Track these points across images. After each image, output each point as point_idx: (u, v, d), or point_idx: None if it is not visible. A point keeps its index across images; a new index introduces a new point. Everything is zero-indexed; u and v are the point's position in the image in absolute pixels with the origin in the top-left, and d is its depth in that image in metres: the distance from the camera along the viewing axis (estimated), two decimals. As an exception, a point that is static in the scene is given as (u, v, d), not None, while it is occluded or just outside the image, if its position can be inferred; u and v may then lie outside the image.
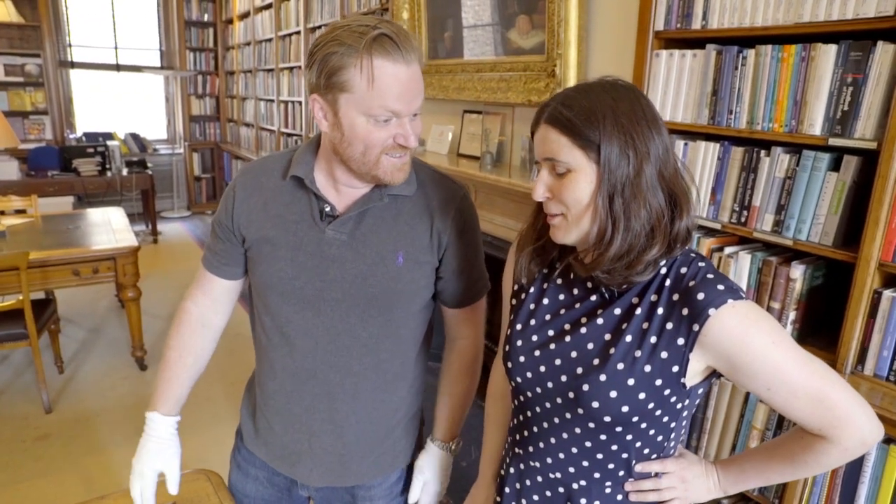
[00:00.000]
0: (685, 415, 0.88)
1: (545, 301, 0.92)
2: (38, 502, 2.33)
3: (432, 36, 3.29)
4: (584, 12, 2.30)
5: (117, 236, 3.38)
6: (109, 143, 5.79)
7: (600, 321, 0.85)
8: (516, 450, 0.98)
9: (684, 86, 1.61)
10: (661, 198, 0.80)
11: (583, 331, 0.86)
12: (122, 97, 7.04)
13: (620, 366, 0.81)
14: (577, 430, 0.87)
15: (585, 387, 0.83)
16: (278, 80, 5.58)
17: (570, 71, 2.35)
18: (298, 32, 5.05)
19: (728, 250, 1.52)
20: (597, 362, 0.83)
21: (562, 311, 0.90)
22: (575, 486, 0.90)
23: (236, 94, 6.94)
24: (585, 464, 0.88)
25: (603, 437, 0.86)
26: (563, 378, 0.86)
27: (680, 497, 0.90)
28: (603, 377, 0.82)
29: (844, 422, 0.78)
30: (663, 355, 0.80)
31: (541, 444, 0.92)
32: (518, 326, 0.93)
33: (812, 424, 0.80)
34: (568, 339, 0.87)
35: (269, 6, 5.68)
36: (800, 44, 1.35)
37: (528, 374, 0.90)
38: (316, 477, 1.17)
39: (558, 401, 0.87)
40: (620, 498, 0.90)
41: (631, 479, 0.89)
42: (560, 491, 0.92)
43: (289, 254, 1.06)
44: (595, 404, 0.82)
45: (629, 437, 0.85)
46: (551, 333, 0.89)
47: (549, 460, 0.91)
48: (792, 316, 1.42)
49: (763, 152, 1.44)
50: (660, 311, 0.81)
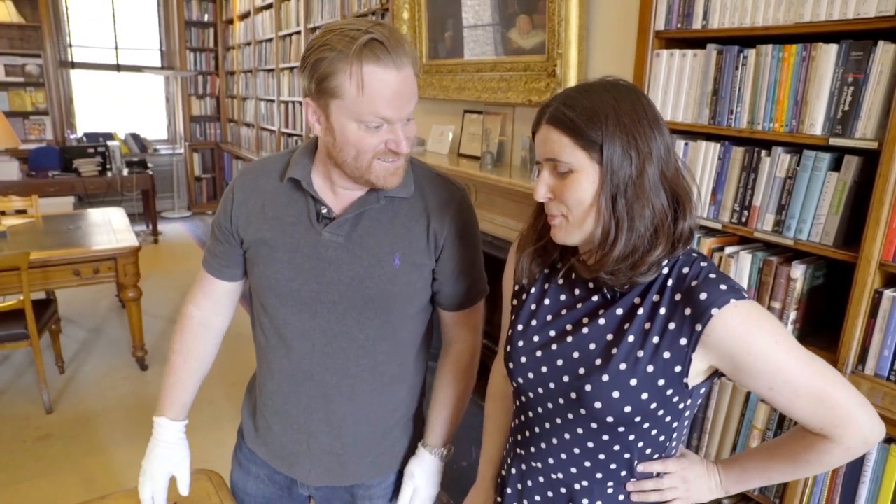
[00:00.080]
0: (687, 415, 0.88)
1: (546, 301, 0.92)
2: (38, 502, 2.33)
3: (432, 36, 3.29)
4: (585, 12, 2.29)
5: (118, 236, 3.38)
6: (110, 143, 5.80)
7: (602, 321, 0.85)
8: (518, 450, 0.97)
9: (685, 86, 1.61)
10: (663, 198, 0.79)
11: (584, 331, 0.86)
12: (123, 97, 7.04)
13: (623, 366, 0.81)
14: (579, 431, 0.87)
15: (588, 387, 0.83)
16: (279, 81, 5.58)
17: (571, 71, 2.35)
18: (299, 32, 5.05)
19: (728, 250, 1.52)
20: (599, 363, 0.83)
21: (563, 312, 0.90)
22: (577, 487, 0.90)
23: (237, 94, 6.94)
24: (587, 464, 0.88)
25: (605, 437, 0.86)
26: (566, 378, 0.86)
27: (682, 497, 0.90)
28: (605, 377, 0.82)
29: (846, 421, 0.78)
30: (666, 355, 0.80)
31: (542, 445, 0.92)
32: (519, 327, 0.93)
33: (814, 424, 0.80)
34: (570, 339, 0.87)
35: (269, 6, 5.68)
36: (800, 44, 1.35)
37: (530, 375, 0.90)
38: (314, 477, 1.17)
39: (560, 401, 0.87)
40: (622, 498, 0.90)
41: (633, 480, 0.89)
42: (562, 491, 0.92)
43: (286, 256, 1.06)
44: (597, 405, 0.82)
45: (631, 437, 0.85)
46: (553, 334, 0.89)
47: (550, 461, 0.91)
48: (792, 316, 1.42)
49: (764, 152, 1.44)
50: (662, 311, 0.81)
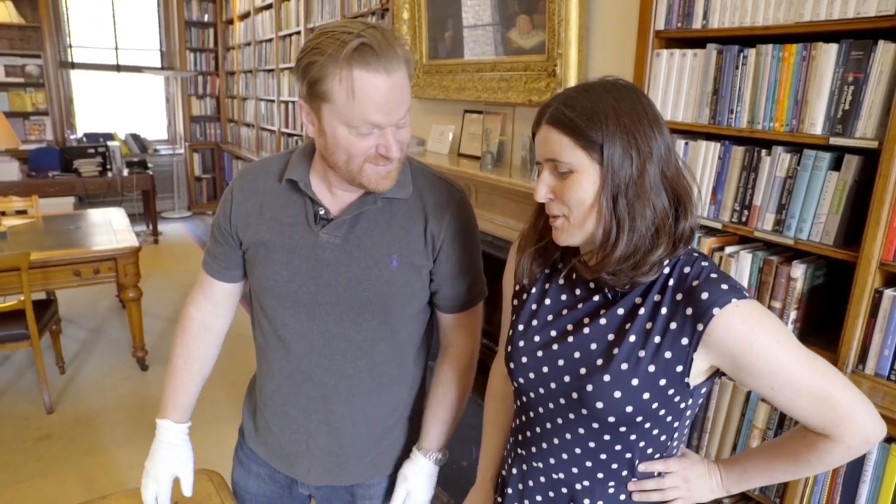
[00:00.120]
0: (688, 414, 0.88)
1: (547, 301, 0.92)
2: (39, 502, 2.33)
3: (433, 36, 3.29)
4: (585, 12, 2.30)
5: (118, 237, 3.38)
6: (110, 143, 5.80)
7: (603, 321, 0.85)
8: (519, 450, 0.97)
9: (685, 85, 1.61)
10: (664, 198, 0.79)
11: (586, 331, 0.86)
12: (123, 98, 7.04)
13: (624, 366, 0.81)
14: (580, 431, 0.87)
15: (589, 387, 0.83)
16: (279, 81, 5.58)
17: (571, 71, 2.35)
18: (299, 32, 5.05)
19: (729, 250, 1.52)
20: (600, 363, 0.83)
21: (564, 312, 0.90)
22: (578, 487, 0.90)
23: (237, 94, 6.94)
24: (589, 464, 0.88)
25: (607, 437, 0.86)
26: (567, 379, 0.86)
27: (683, 497, 0.90)
28: (607, 377, 0.82)
29: (848, 420, 0.78)
30: (667, 355, 0.80)
31: (544, 445, 0.92)
32: (520, 327, 0.93)
33: (816, 423, 0.80)
34: (571, 339, 0.87)
35: (269, 6, 5.68)
36: (800, 43, 1.35)
37: (531, 375, 0.90)
38: (314, 476, 1.18)
39: (561, 401, 0.87)
40: (623, 498, 0.90)
41: (634, 479, 0.89)
42: (563, 492, 0.92)
43: (284, 257, 1.06)
44: (599, 405, 0.82)
45: (633, 437, 0.85)
46: (554, 334, 0.89)
47: (552, 461, 0.91)
48: (793, 315, 1.42)
49: (764, 152, 1.44)
50: (663, 310, 0.81)
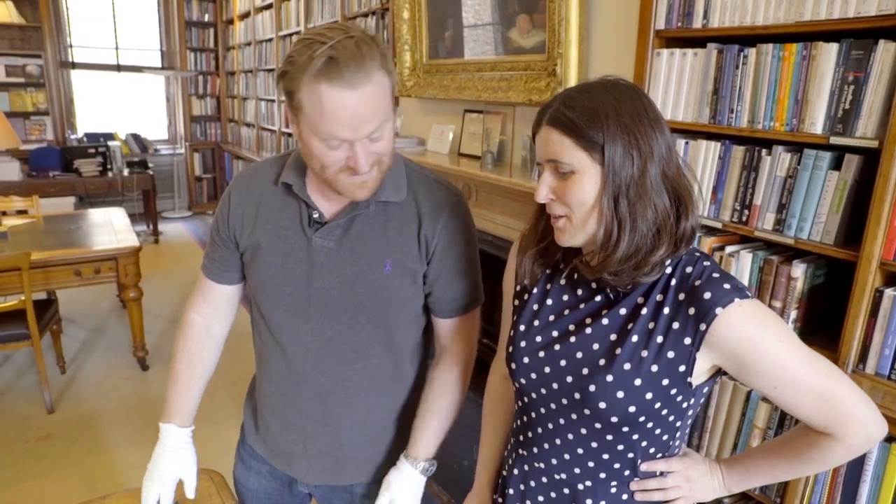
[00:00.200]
0: (690, 414, 0.88)
1: (549, 302, 0.92)
2: (40, 502, 2.34)
3: (433, 35, 3.29)
4: (585, 11, 2.29)
5: (119, 236, 3.39)
6: (110, 143, 5.80)
7: (605, 321, 0.85)
8: (520, 451, 0.97)
9: (685, 85, 1.61)
10: (665, 198, 0.79)
11: (588, 331, 0.86)
12: (123, 98, 7.04)
13: (627, 366, 0.81)
14: (582, 431, 0.87)
15: (592, 387, 0.83)
16: (279, 80, 5.57)
17: (571, 70, 2.35)
18: (299, 32, 5.05)
19: (729, 249, 1.52)
20: (603, 363, 0.83)
21: (566, 312, 0.90)
22: (580, 487, 0.90)
23: (237, 94, 6.93)
24: (591, 464, 0.88)
25: (609, 437, 0.86)
26: (569, 379, 0.86)
27: (685, 496, 0.90)
28: (609, 378, 0.82)
29: (850, 419, 0.78)
30: (670, 355, 0.80)
31: (545, 446, 0.92)
32: (522, 328, 0.93)
33: (818, 422, 0.80)
34: (573, 339, 0.87)
35: (269, 6, 5.68)
36: (801, 42, 1.34)
37: (533, 376, 0.90)
38: (312, 475, 1.18)
39: (564, 402, 0.87)
40: (626, 497, 0.90)
41: (636, 479, 0.89)
42: (565, 492, 0.92)
43: (279, 260, 1.06)
44: (602, 405, 0.82)
45: (635, 436, 0.85)
46: (556, 334, 0.89)
47: (554, 461, 0.91)
48: (793, 315, 1.42)
49: (764, 151, 1.44)
50: (666, 310, 0.81)
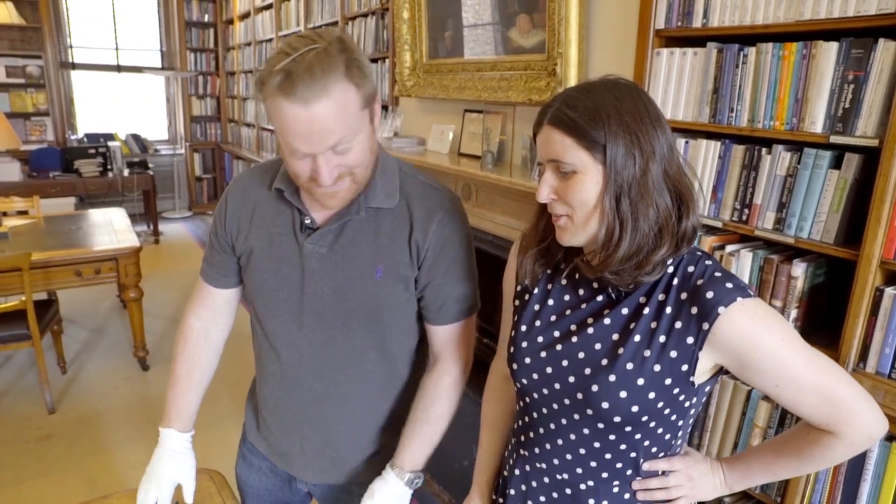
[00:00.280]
0: (692, 413, 0.88)
1: (550, 302, 0.92)
2: (40, 502, 2.34)
3: (433, 35, 3.29)
4: (585, 11, 2.30)
5: (119, 237, 3.38)
6: (111, 143, 5.80)
7: (607, 321, 0.85)
8: (521, 451, 0.97)
9: (685, 84, 1.61)
10: (667, 197, 0.79)
11: (590, 331, 0.86)
12: (123, 98, 7.04)
13: (630, 366, 0.81)
14: (585, 431, 0.87)
15: (594, 387, 0.83)
16: (279, 80, 5.56)
17: (571, 70, 2.35)
18: (299, 32, 5.04)
19: (729, 248, 1.52)
20: (605, 363, 0.83)
21: (567, 312, 0.90)
22: (582, 487, 0.90)
23: (237, 94, 6.93)
24: (593, 464, 0.88)
25: (612, 437, 0.86)
26: (571, 379, 0.86)
27: (687, 495, 0.90)
28: (612, 377, 0.82)
29: (851, 416, 0.79)
30: (672, 354, 0.80)
31: (547, 446, 0.92)
32: (523, 328, 0.93)
33: (819, 420, 0.80)
34: (575, 339, 0.87)
35: (269, 6, 5.68)
36: (801, 41, 1.35)
37: (535, 376, 0.90)
38: (310, 475, 1.19)
39: (566, 402, 0.87)
40: (628, 497, 0.90)
41: (638, 479, 0.89)
42: (567, 492, 0.92)
43: (272, 266, 1.06)
44: (605, 405, 0.82)
45: (638, 436, 0.85)
46: (557, 334, 0.89)
47: (556, 461, 0.91)
48: (794, 314, 1.42)
49: (764, 150, 1.44)
50: (668, 310, 0.81)
